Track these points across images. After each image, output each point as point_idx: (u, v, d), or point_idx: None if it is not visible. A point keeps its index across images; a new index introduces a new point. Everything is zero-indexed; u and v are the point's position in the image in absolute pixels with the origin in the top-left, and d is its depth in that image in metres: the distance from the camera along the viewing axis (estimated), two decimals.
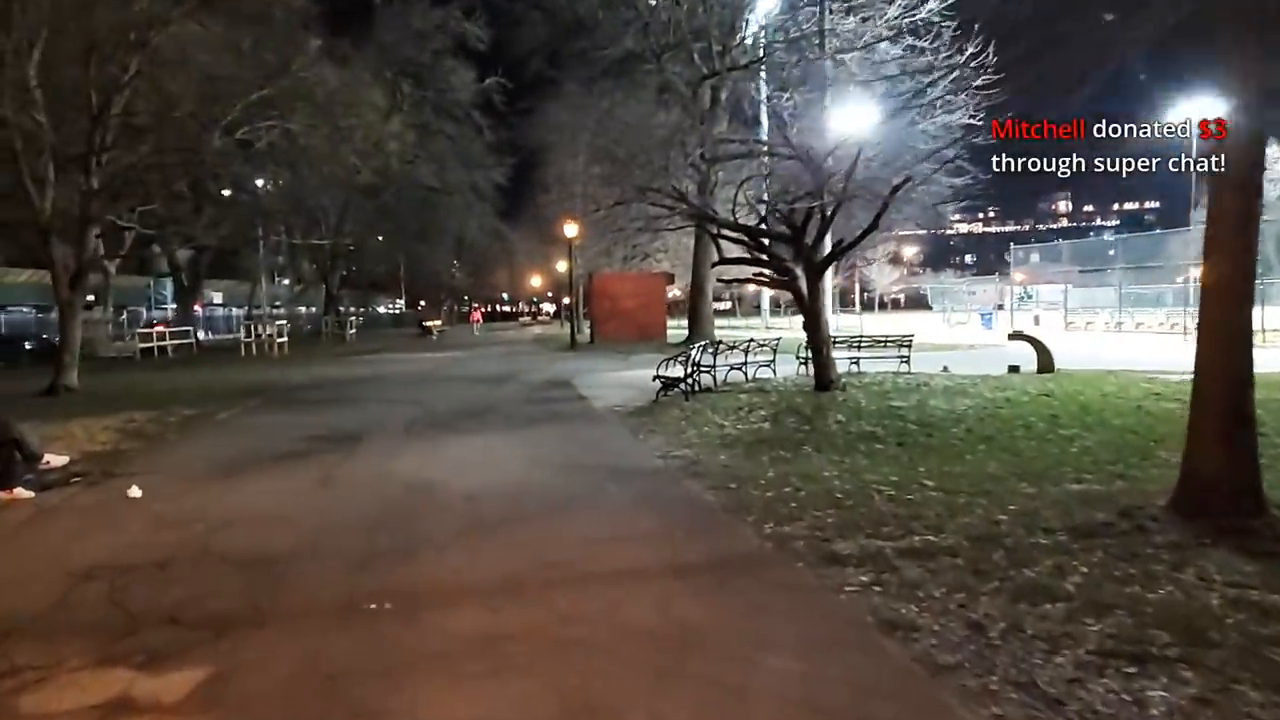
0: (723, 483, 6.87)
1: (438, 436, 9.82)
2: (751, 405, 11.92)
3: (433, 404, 13.14)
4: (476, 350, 30.34)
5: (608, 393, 14.32)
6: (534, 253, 66.32)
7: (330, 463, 8.14)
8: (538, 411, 11.99)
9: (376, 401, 13.71)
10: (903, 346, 17.62)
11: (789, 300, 64.60)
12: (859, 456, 8.08)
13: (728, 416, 10.97)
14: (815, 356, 13.68)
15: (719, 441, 9.03)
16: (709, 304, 28.82)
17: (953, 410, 10.92)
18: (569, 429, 10.21)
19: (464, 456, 8.47)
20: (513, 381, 16.90)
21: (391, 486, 7.04)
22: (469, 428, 10.48)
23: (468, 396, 14.19)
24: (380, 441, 9.52)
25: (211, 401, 13.56)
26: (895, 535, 5.34)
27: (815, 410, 11.27)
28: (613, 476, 7.22)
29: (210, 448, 9.20)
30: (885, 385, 14.12)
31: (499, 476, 7.35)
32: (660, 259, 42.42)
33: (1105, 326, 35.07)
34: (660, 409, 11.89)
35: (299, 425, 10.92)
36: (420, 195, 50.04)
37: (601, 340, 30.78)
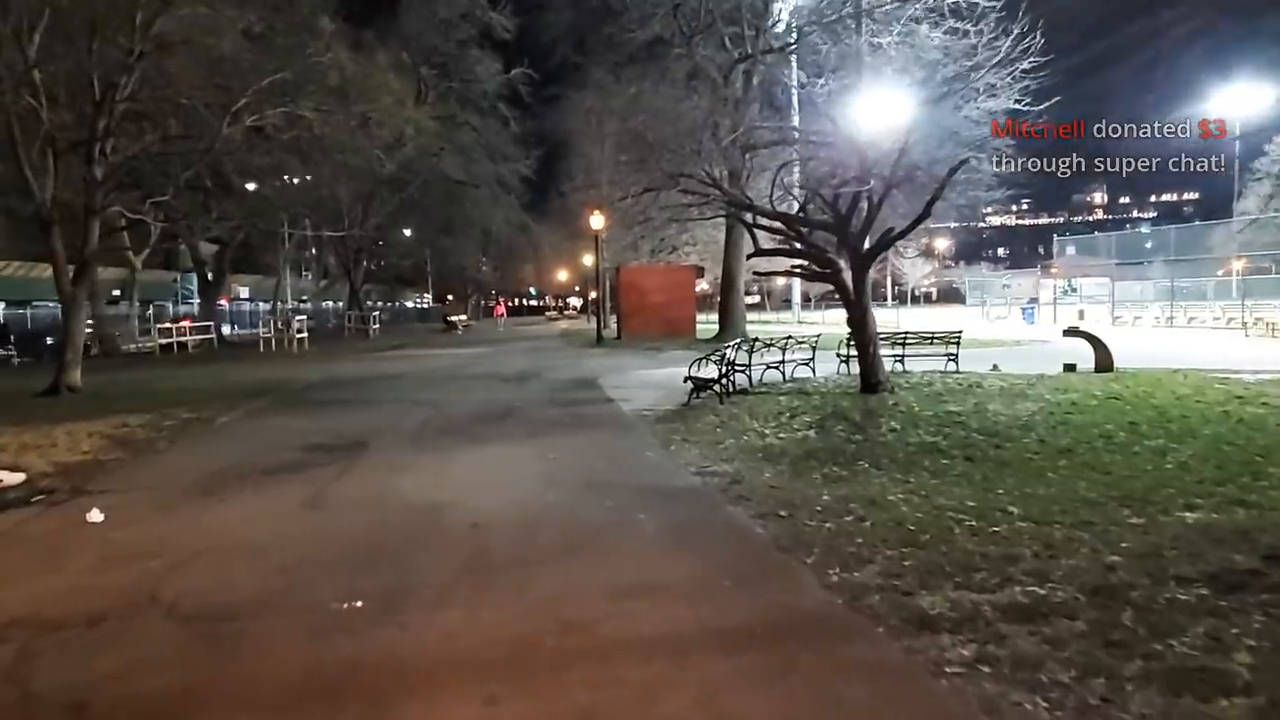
0: (772, 509, 5.87)
1: (450, 445, 8.91)
2: (793, 410, 10.89)
3: (449, 406, 12.26)
4: (500, 346, 29.53)
5: (636, 394, 13.37)
6: (560, 247, 65.58)
7: (325, 478, 7.26)
8: (560, 415, 11.06)
9: (390, 402, 12.87)
10: (950, 344, 16.47)
11: (819, 294, 63.47)
12: (924, 474, 7.04)
13: (768, 423, 9.96)
14: (861, 355, 12.61)
15: (761, 454, 8.02)
16: (741, 298, 27.73)
17: (1017, 416, 9.84)
18: (593, 437, 9.25)
19: (476, 471, 7.55)
20: (535, 380, 15.99)
21: (389, 509, 6.13)
22: (485, 434, 9.56)
23: (487, 397, 13.31)
24: (386, 451, 8.63)
25: (216, 402, 12.80)
26: (991, 585, 4.32)
27: (865, 416, 10.23)
28: (642, 499, 6.24)
29: (199, 458, 8.36)
30: (935, 386, 13.05)
31: (513, 497, 6.40)
32: (688, 253, 41.38)
33: (1155, 322, 33.43)
34: (693, 413, 10.91)
35: (302, 430, 10.08)
36: (446, 188, 49.44)
37: (628, 335, 29.83)
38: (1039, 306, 39.10)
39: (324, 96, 16.66)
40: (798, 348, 15.69)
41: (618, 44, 25.79)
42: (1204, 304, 34.16)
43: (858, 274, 12.53)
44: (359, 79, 19.47)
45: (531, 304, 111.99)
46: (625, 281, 30.81)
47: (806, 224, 12.58)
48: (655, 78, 25.52)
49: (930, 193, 14.29)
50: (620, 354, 23.15)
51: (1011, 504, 5.97)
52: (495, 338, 36.86)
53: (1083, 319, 36.73)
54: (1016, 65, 12.62)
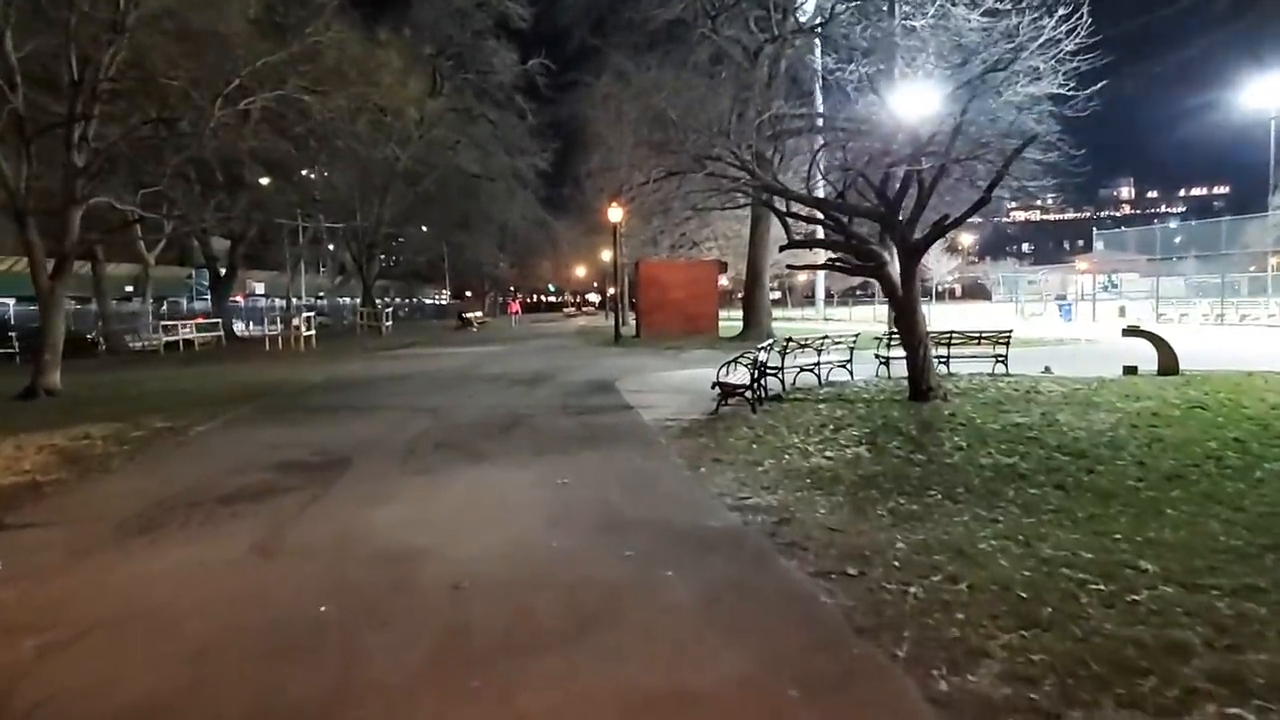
0: (836, 563, 4.60)
1: (444, 465, 7.70)
2: (837, 421, 9.61)
3: (452, 413, 11.07)
4: (514, 345, 28.37)
5: (657, 400, 12.12)
6: (578, 242, 64.38)
7: (290, 510, 6.07)
8: (573, 427, 9.82)
9: (388, 409, 11.70)
10: (999, 344, 15.12)
11: (841, 290, 61.97)
12: (1012, 509, 5.75)
13: (810, 437, 8.69)
14: (910, 358, 11.28)
15: (809, 479, 6.74)
16: (766, 294, 26.38)
17: (1096, 430, 8.54)
18: (609, 456, 8.00)
19: (470, 501, 6.33)
20: (549, 383, 14.78)
21: (353, 558, 4.92)
22: (486, 451, 8.35)
23: (494, 403, 12.10)
24: (369, 472, 7.44)
25: (199, 408, 11.69)
26: (1171, 702, 3.05)
27: (921, 429, 8.93)
28: (670, 546, 4.99)
29: (152, 481, 7.20)
30: (989, 393, 11.75)
31: (509, 542, 5.18)
32: (709, 248, 40.05)
33: (1202, 319, 31.66)
34: (722, 425, 9.64)
35: (282, 444, 8.92)
36: (462, 182, 48.45)
37: (648, 333, 28.58)
38: (1076, 303, 37.39)
39: (320, 76, 15.48)
40: (834, 348, 14.39)
41: (637, 26, 24.50)
42: (1256, 301, 32.36)
43: (906, 267, 11.21)
44: (360, 59, 18.24)
45: (550, 301, 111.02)
46: (645, 277, 29.54)
47: (849, 211, 11.26)
48: (677, 63, 24.20)
49: (974, 176, 13.11)
50: (639, 353, 21.90)
51: (1138, 555, 4.68)
52: (510, 336, 35.72)
53: (1123, 316, 35.12)
54: (1061, 46, 11.34)
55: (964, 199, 13.55)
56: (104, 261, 33.45)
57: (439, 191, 47.91)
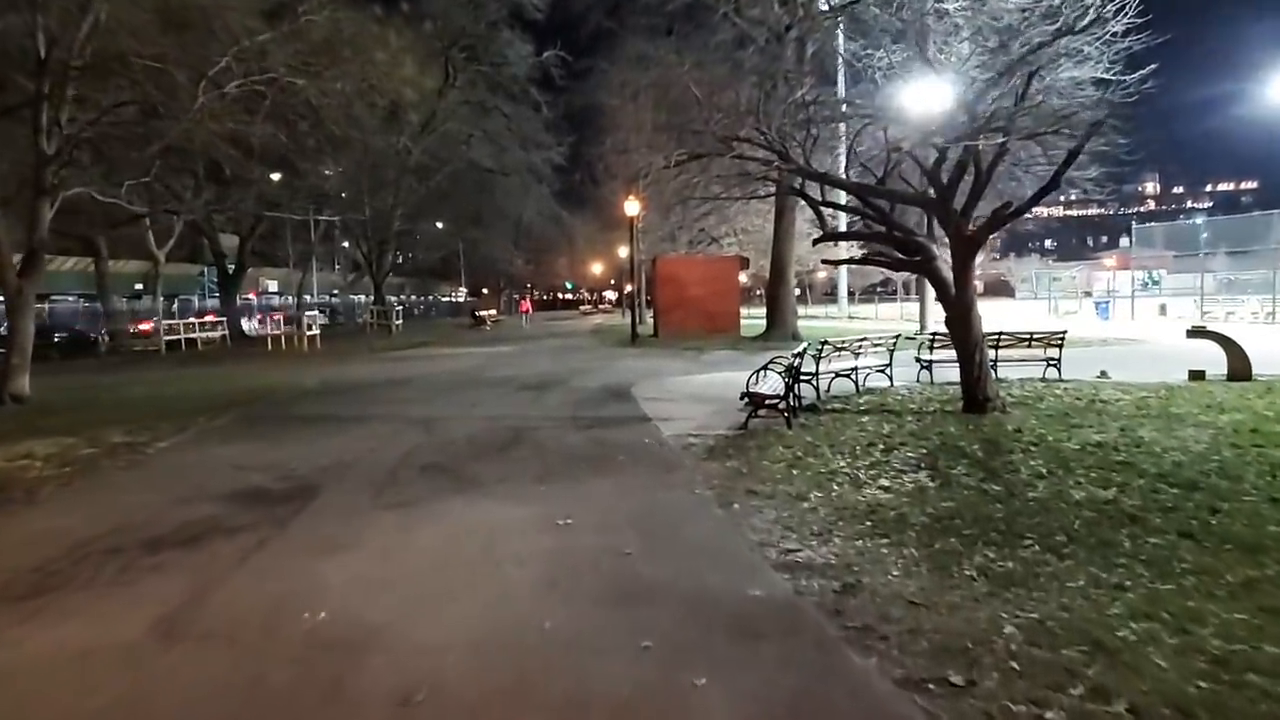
0: (932, 664, 3.34)
1: (426, 495, 6.49)
2: (886, 439, 8.32)
3: (447, 426, 9.88)
4: (526, 345, 27.19)
5: (677, 409, 10.87)
6: (595, 238, 63.30)
7: (225, 563, 4.88)
8: (582, 444, 8.58)
9: (379, 420, 10.52)
10: (1050, 346, 13.79)
11: (863, 288, 60.25)
12: (1136, 566, 4.48)
13: (859, 459, 7.41)
14: (964, 365, 9.96)
15: (869, 520, 5.48)
16: (791, 292, 25.02)
17: (1195, 451, 7.25)
18: (623, 484, 6.76)
19: (446, 553, 5.10)
20: (558, 389, 13.56)
21: (280, 644, 3.71)
22: (478, 476, 7.13)
23: (497, 413, 10.90)
24: (336, 505, 6.24)
25: (171, 419, 10.58)
26: None
27: (988, 449, 7.63)
28: (702, 634, 3.73)
29: (76, 517, 6.03)
30: (1050, 402, 10.46)
31: (487, 623, 3.94)
32: (729, 244, 38.69)
33: (1253, 317, 29.91)
34: (754, 442, 8.38)
35: (247, 465, 7.77)
36: (475, 177, 47.37)
37: (666, 332, 27.32)
38: (1113, 301, 35.69)
39: (313, 56, 14.30)
40: (874, 350, 13.10)
41: (655, 8, 23.19)
42: None
43: (961, 261, 9.88)
44: (355, 37, 17.00)
45: (566, 298, 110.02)
46: (662, 273, 28.25)
47: (895, 198, 9.95)
48: (697, 47, 22.84)
49: (1028, 163, 11.79)
50: (657, 354, 20.65)
51: None
52: (522, 335, 34.55)
53: (1164, 314, 33.52)
54: (1108, 26, 9.99)
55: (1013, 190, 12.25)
56: (107, 258, 32.69)
57: (452, 186, 46.84)
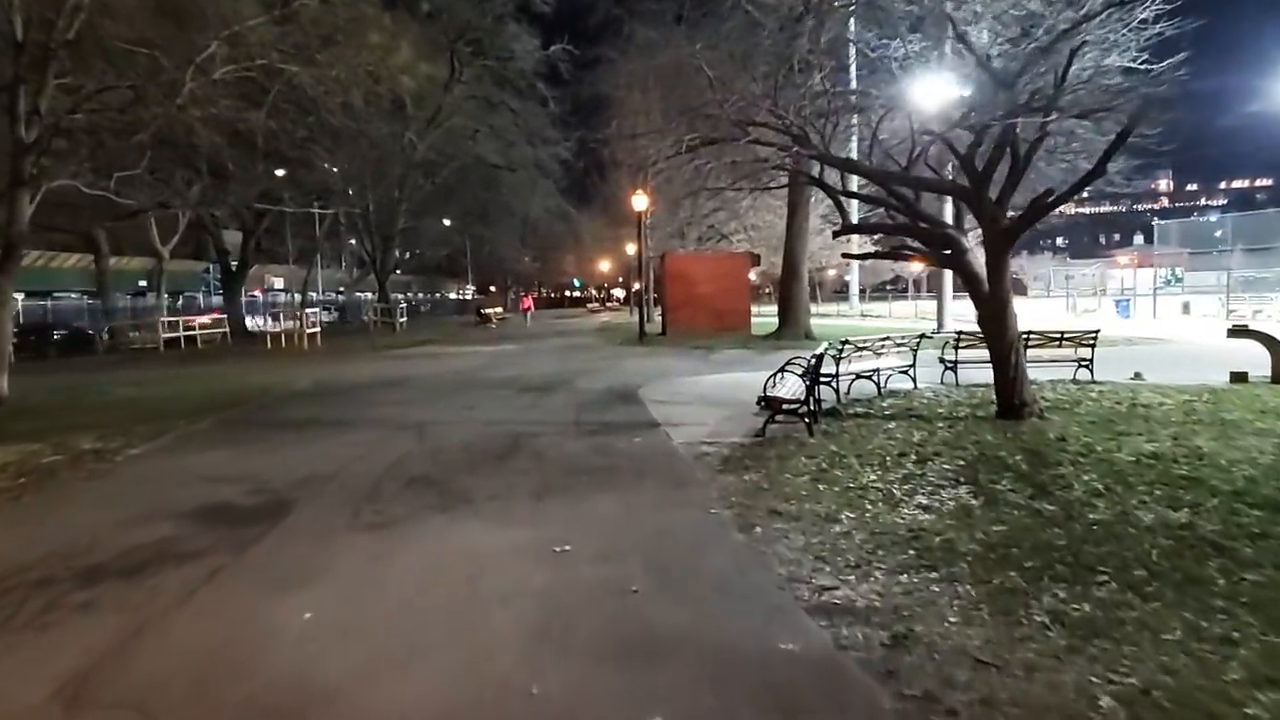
0: None
1: (408, 515, 5.79)
2: (918, 448, 7.60)
3: (442, 432, 9.19)
4: (531, 344, 26.51)
5: (688, 413, 10.17)
6: (602, 235, 62.70)
7: (167, 600, 4.20)
8: (586, 454, 7.87)
9: (369, 425, 9.85)
10: (1082, 346, 13.02)
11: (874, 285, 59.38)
12: (1238, 610, 3.77)
13: (890, 471, 6.70)
14: (998, 367, 9.23)
15: (912, 548, 4.76)
16: (805, 289, 24.24)
17: (1264, 464, 6.53)
18: (629, 502, 6.05)
19: (423, 588, 4.41)
20: (563, 391, 12.87)
21: (209, 715, 3.04)
22: (469, 492, 6.43)
23: (496, 418, 10.21)
24: (306, 526, 5.56)
25: (151, 422, 9.94)
26: None
27: (1032, 461, 6.90)
28: (727, 705, 3.02)
29: (12, 540, 5.36)
30: (1088, 406, 9.76)
31: (463, 687, 3.25)
32: (739, 240, 37.90)
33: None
34: (774, 451, 7.67)
35: (219, 476, 7.10)
36: (482, 173, 46.69)
37: (674, 331, 26.61)
38: (1134, 299, 34.76)
39: (308, 42, 13.60)
40: (897, 350, 12.36)
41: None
42: None
43: (995, 255, 9.14)
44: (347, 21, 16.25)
45: (574, 296, 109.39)
46: (671, 270, 27.52)
47: (924, 187, 9.21)
48: (708, 34, 22.03)
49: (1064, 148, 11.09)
50: (665, 354, 19.94)
51: None
52: (527, 333, 33.86)
53: (1187, 312, 32.59)
54: (1135, 12, 9.23)
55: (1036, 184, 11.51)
56: (107, 254, 32.16)
57: (458, 182, 46.22)
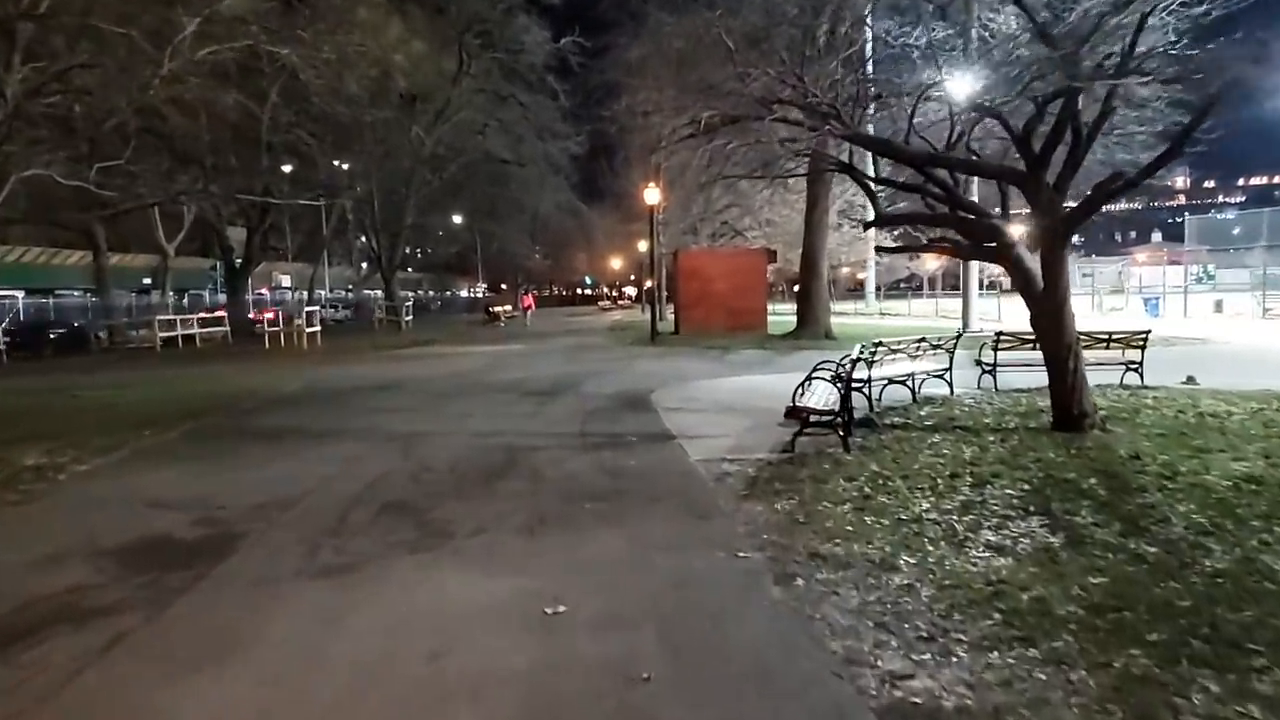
0: None
1: (373, 556, 4.81)
2: (972, 467, 6.58)
3: (430, 446, 8.22)
4: (539, 343, 25.55)
5: (705, 423, 9.17)
6: (614, 232, 61.74)
7: (37, 685, 3.24)
8: (588, 474, 6.87)
9: (352, 436, 8.89)
10: (1131, 348, 11.93)
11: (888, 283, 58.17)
12: None
13: (945, 498, 5.69)
14: (1054, 373, 8.18)
15: (998, 611, 3.72)
16: (824, 286, 23.16)
17: None
18: (639, 542, 5.03)
19: (369, 676, 3.41)
20: (568, 396, 11.89)
21: None
22: (450, 524, 5.44)
23: (492, 428, 9.23)
24: (246, 573, 4.57)
25: (112, 432, 9.03)
26: None
27: (1111, 486, 5.86)
28: None
29: None
30: (1149, 415, 8.73)
31: None
32: (754, 237, 36.83)
33: None
34: (806, 471, 6.64)
35: (167, 501, 6.16)
36: (491, 169, 45.82)
37: (687, 330, 25.60)
38: (1164, 297, 33.46)
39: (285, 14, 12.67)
40: (932, 353, 11.32)
41: None
42: None
43: (1051, 248, 8.07)
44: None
45: (585, 293, 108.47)
46: (685, 267, 26.50)
47: (975, 171, 8.17)
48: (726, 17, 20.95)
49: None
50: (679, 354, 18.93)
51: None
52: (535, 332, 32.89)
53: (1220, 310, 31.29)
54: None
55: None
56: (105, 251, 31.43)
57: (466, 178, 45.39)
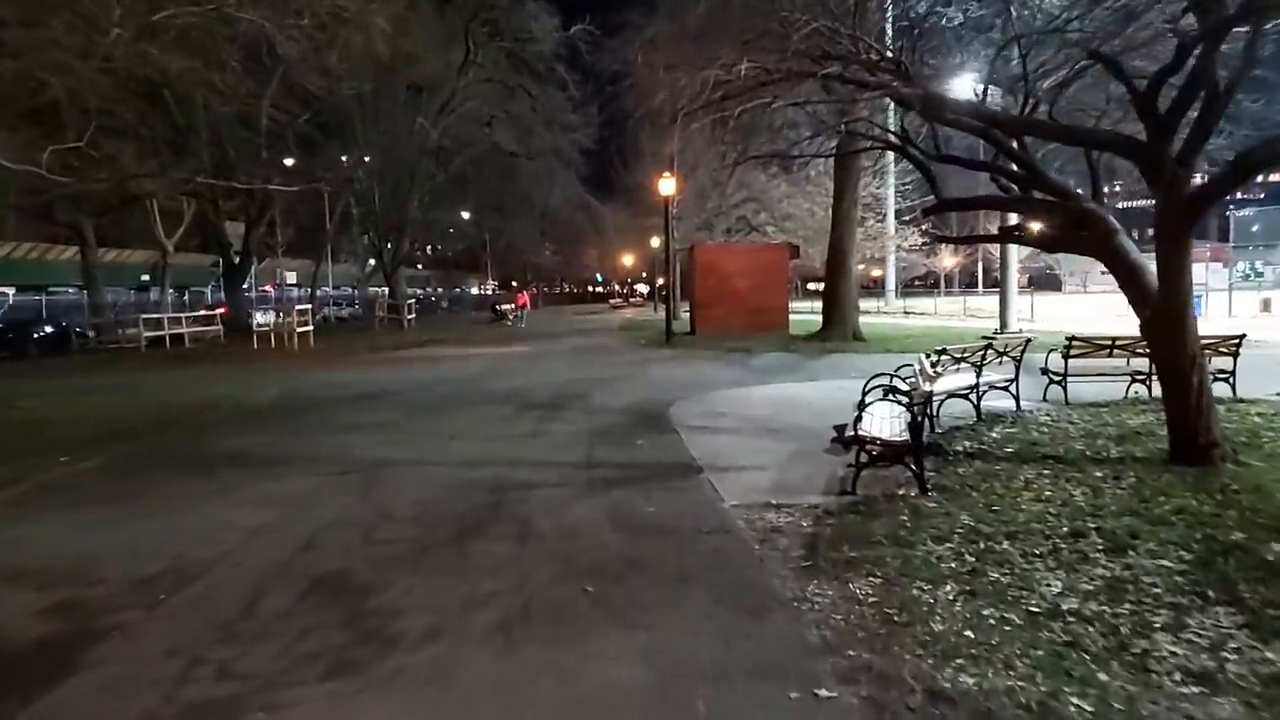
0: None
1: (261, 690, 3.26)
2: (1094, 519, 5.04)
3: (400, 480, 6.66)
4: (545, 344, 23.98)
5: (738, 448, 7.58)
6: (626, 227, 60.06)
7: None
8: (594, 527, 5.28)
9: (310, 465, 7.32)
10: (1221, 354, 10.27)
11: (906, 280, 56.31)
12: None
13: (1082, 577, 4.12)
14: (1173, 391, 6.55)
15: None
16: (853, 284, 21.43)
17: None
18: (669, 657, 3.44)
19: None
20: (575, 410, 10.32)
21: None
22: (396, 621, 3.86)
23: (478, 456, 7.65)
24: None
25: (24, 457, 7.54)
26: None
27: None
28: None
29: None
30: (1273, 439, 7.09)
31: None
32: (770, 233, 35.09)
33: None
34: (880, 528, 5.05)
35: (24, 573, 4.62)
36: (499, 162, 44.26)
37: (704, 329, 24.00)
38: (1206, 294, 31.55)
39: None
40: (997, 362, 9.70)
41: None
42: None
43: (1173, 235, 6.41)
44: None
45: (596, 291, 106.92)
46: (701, 263, 24.88)
47: (1087, 141, 6.52)
48: None
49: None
50: (697, 358, 17.33)
51: None
52: (543, 332, 31.30)
53: (1268, 309, 29.50)
54: None
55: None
56: (95, 246, 30.04)
57: (474, 172, 43.87)
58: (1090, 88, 8.47)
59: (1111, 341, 10.40)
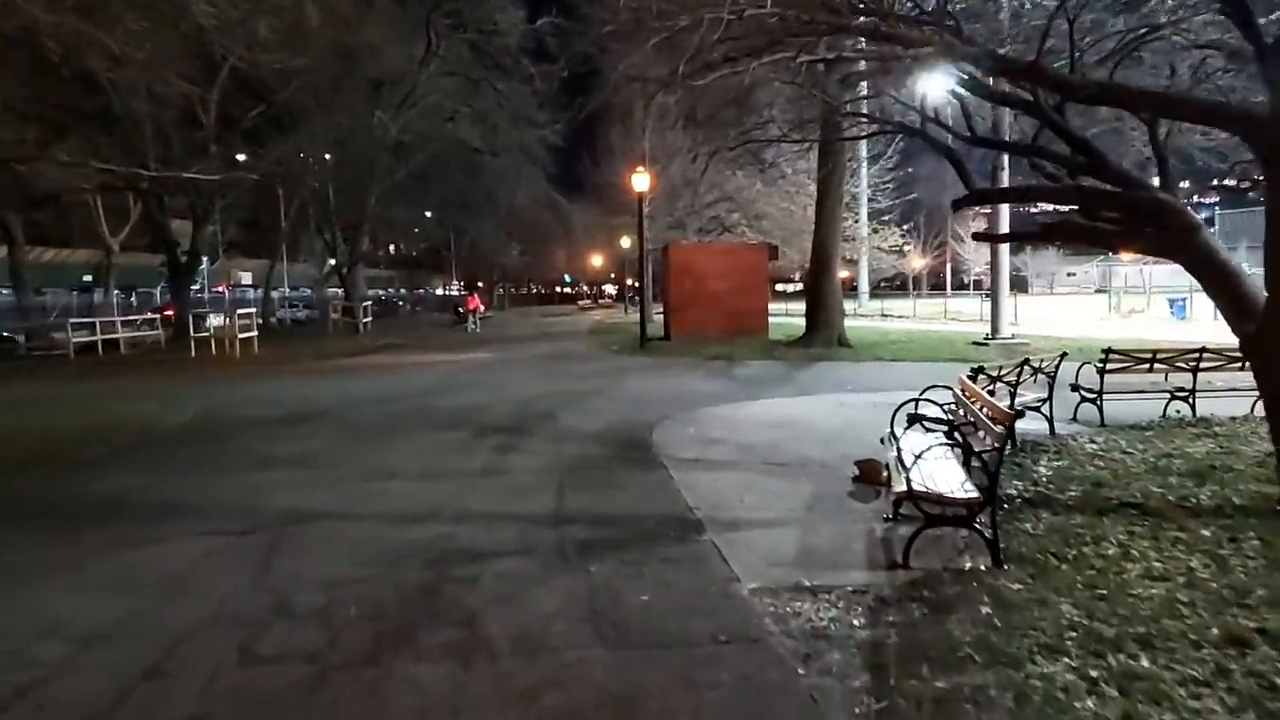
0: None
1: None
2: (1249, 616, 3.63)
3: (312, 548, 5.12)
4: (510, 349, 22.38)
5: (743, 490, 6.14)
6: (594, 226, 58.44)
7: None
8: (566, 630, 3.82)
9: (204, 520, 5.76)
10: None
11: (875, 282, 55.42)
12: None
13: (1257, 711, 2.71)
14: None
15: None
16: (837, 286, 20.15)
17: None
18: None
19: None
20: (540, 435, 8.83)
21: None
22: None
23: (420, 506, 6.11)
24: None
25: None
26: None
27: None
28: None
29: None
30: None
31: None
32: (742, 233, 33.78)
33: None
34: (957, 627, 3.65)
35: None
36: (463, 158, 42.46)
37: (679, 334, 22.61)
38: (1191, 297, 30.85)
39: None
40: (1032, 380, 8.44)
41: None
42: None
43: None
44: None
45: (564, 292, 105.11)
46: (676, 264, 23.47)
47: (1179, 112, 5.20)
48: None
49: None
50: (676, 366, 15.89)
51: None
52: (508, 336, 29.70)
53: None
54: None
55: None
56: (22, 244, 27.80)
57: (436, 168, 41.98)
58: (1134, 68, 7.26)
59: (1153, 355, 9.24)
